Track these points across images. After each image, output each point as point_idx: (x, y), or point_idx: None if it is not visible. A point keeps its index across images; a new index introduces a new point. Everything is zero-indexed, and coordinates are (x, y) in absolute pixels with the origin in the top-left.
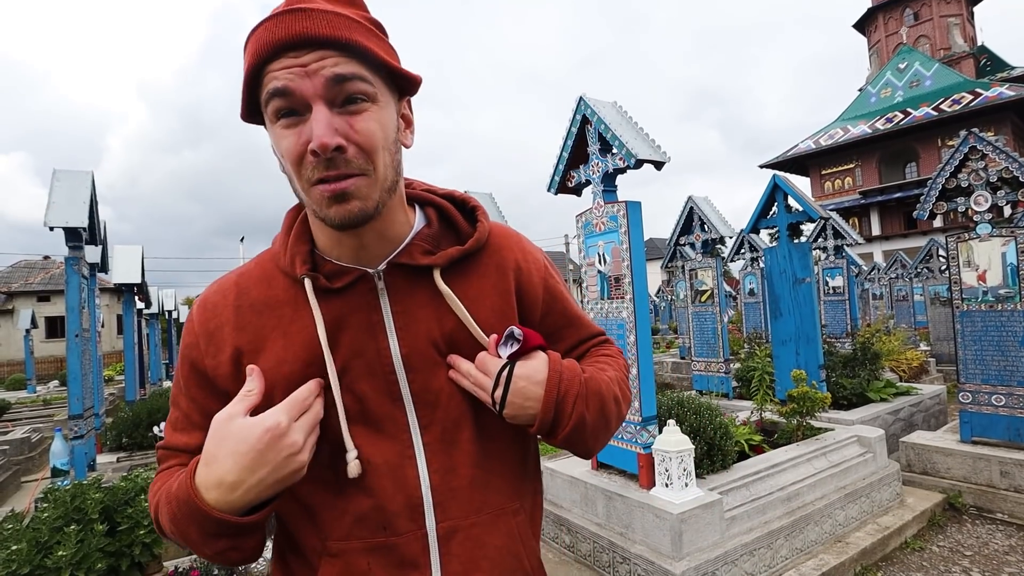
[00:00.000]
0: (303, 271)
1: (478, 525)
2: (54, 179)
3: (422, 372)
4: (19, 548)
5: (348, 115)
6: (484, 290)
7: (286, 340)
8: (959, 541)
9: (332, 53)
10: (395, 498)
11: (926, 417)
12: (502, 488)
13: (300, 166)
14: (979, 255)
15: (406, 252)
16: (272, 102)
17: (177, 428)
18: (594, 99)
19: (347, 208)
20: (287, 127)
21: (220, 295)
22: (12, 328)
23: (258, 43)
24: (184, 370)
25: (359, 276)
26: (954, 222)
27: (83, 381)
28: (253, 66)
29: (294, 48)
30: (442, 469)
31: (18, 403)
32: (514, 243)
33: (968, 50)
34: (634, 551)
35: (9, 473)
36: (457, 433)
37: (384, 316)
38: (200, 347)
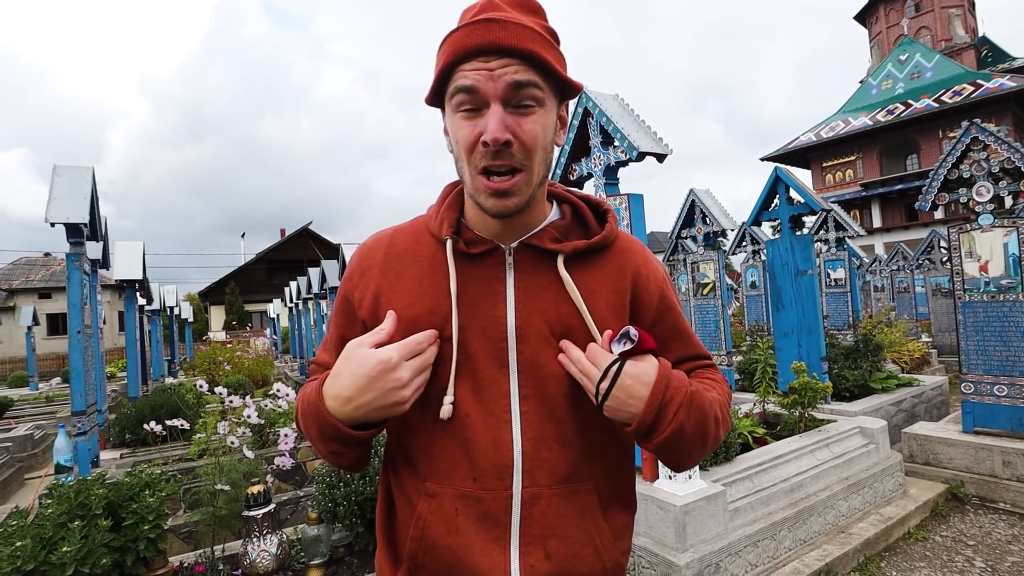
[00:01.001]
0: (448, 233)
1: (558, 496)
2: (55, 175)
3: (531, 345)
4: (24, 544)
5: (519, 115)
6: (603, 285)
7: (419, 288)
8: (962, 531)
9: (515, 62)
10: (488, 455)
11: (928, 408)
12: (581, 467)
13: (471, 153)
14: (981, 246)
15: (537, 236)
16: (458, 96)
17: (325, 348)
18: (595, 92)
19: (504, 203)
20: (466, 118)
21: (376, 242)
22: (14, 325)
23: (455, 44)
24: (338, 300)
25: (493, 248)
26: (955, 214)
27: (86, 377)
28: (447, 64)
29: (485, 54)
30: (535, 438)
31: (20, 400)
32: (638, 250)
33: (969, 41)
34: (638, 543)
35: (12, 470)
36: (554, 409)
37: (507, 288)
38: (353, 281)
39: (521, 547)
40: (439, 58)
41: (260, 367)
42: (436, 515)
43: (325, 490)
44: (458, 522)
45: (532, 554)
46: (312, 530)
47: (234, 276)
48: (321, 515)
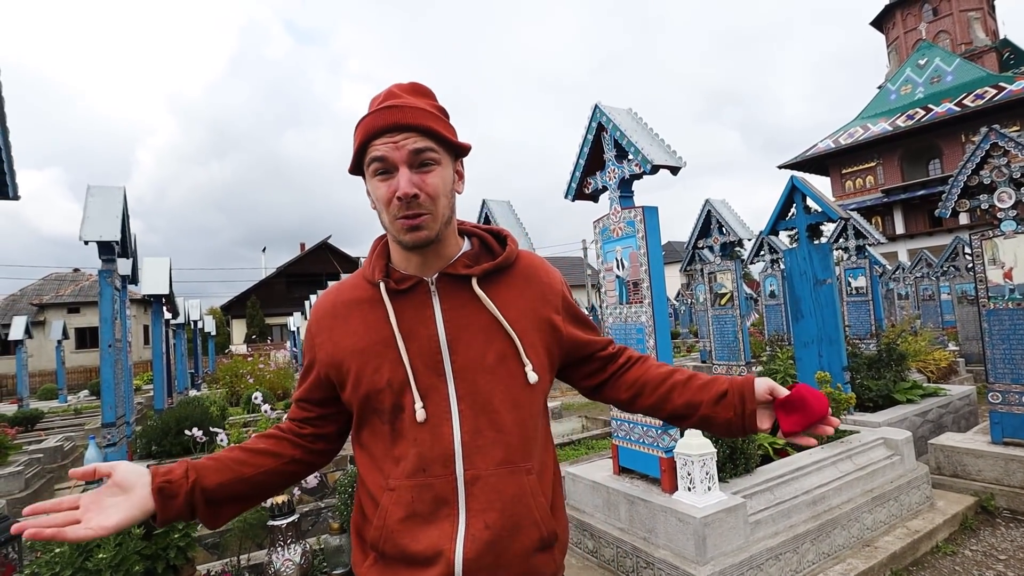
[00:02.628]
0: (379, 277)
1: (495, 476)
2: (88, 195)
3: (461, 355)
4: (62, 551)
5: (422, 173)
6: (513, 296)
7: (365, 325)
8: (992, 545)
9: (414, 135)
10: (434, 448)
11: (955, 418)
12: (517, 451)
13: (388, 206)
14: (1004, 252)
15: (452, 266)
16: (373, 164)
17: (299, 389)
18: (609, 106)
19: (417, 235)
20: (382, 181)
21: (326, 295)
22: (44, 339)
23: (367, 128)
24: (305, 346)
25: (418, 282)
26: (981, 219)
27: (115, 390)
28: (363, 142)
29: (390, 131)
30: (471, 430)
31: (50, 412)
32: (538, 264)
33: (990, 44)
34: (658, 556)
35: (43, 481)
36: (486, 404)
37: (435, 311)
38: (312, 331)
39: (467, 520)
40: (356, 138)
41: (281, 379)
42: (396, 505)
43: (346, 500)
44: (415, 507)
45: (474, 525)
46: (334, 540)
47: (255, 290)
48: (343, 525)
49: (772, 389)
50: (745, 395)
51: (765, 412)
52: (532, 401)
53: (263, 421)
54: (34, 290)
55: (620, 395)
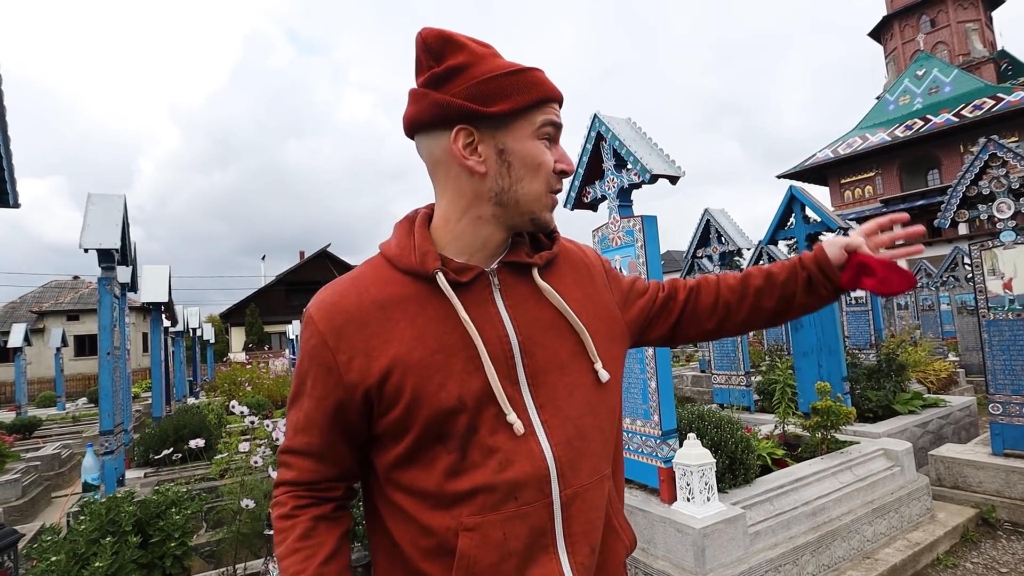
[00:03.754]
0: (435, 266)
1: (589, 489)
2: (89, 203)
3: (535, 357)
4: (58, 560)
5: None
6: (567, 285)
7: (414, 330)
8: (994, 557)
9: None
10: (524, 471)
11: (956, 429)
12: (601, 456)
13: (546, 175)
14: (1004, 263)
15: (515, 253)
16: (548, 127)
17: (299, 429)
18: (608, 116)
19: (553, 216)
20: (548, 147)
21: (338, 295)
22: (43, 347)
23: (548, 90)
24: (313, 371)
25: (479, 273)
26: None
27: (113, 398)
28: (547, 97)
29: (560, 102)
30: (561, 442)
31: (48, 420)
32: (575, 247)
33: (988, 55)
34: (657, 567)
35: (41, 488)
36: (568, 409)
37: (499, 308)
38: (329, 345)
39: (568, 547)
40: (521, 87)
41: (279, 387)
42: (483, 547)
43: None
44: (509, 546)
45: (579, 552)
46: None
47: (254, 298)
48: None
49: (847, 247)
50: (826, 271)
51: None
52: (609, 398)
53: (260, 430)
54: (34, 297)
55: (703, 327)
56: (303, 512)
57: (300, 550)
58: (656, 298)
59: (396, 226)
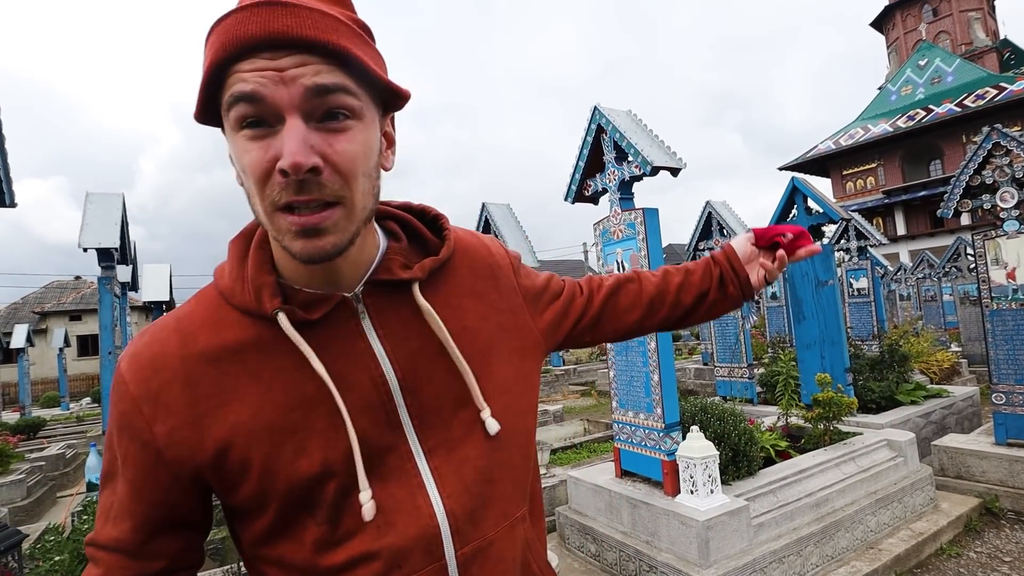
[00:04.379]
0: (275, 305)
1: (496, 541)
2: (87, 202)
3: (420, 393)
4: (61, 559)
5: (327, 132)
6: (464, 296)
7: (259, 386)
8: (997, 547)
9: (315, 59)
10: (408, 533)
11: (959, 420)
12: (511, 496)
13: (265, 185)
14: (1007, 252)
15: (384, 268)
16: (237, 107)
17: (109, 517)
18: (608, 108)
19: (318, 244)
20: (252, 139)
21: (159, 346)
22: (46, 347)
23: (226, 35)
24: (122, 445)
25: (338, 302)
26: (983, 219)
27: None
28: (217, 62)
29: (270, 48)
30: (457, 492)
31: (52, 420)
32: (478, 243)
33: (991, 44)
34: (661, 559)
35: (45, 489)
36: (466, 450)
37: (371, 341)
38: (143, 413)
39: None
40: (206, 54)
41: None
42: None
43: None
44: None
45: None
46: None
47: None
48: None
49: (750, 240)
50: (735, 267)
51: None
52: (520, 428)
53: None
54: (36, 298)
55: (623, 322)
56: None
57: None
58: (573, 301)
59: (230, 245)
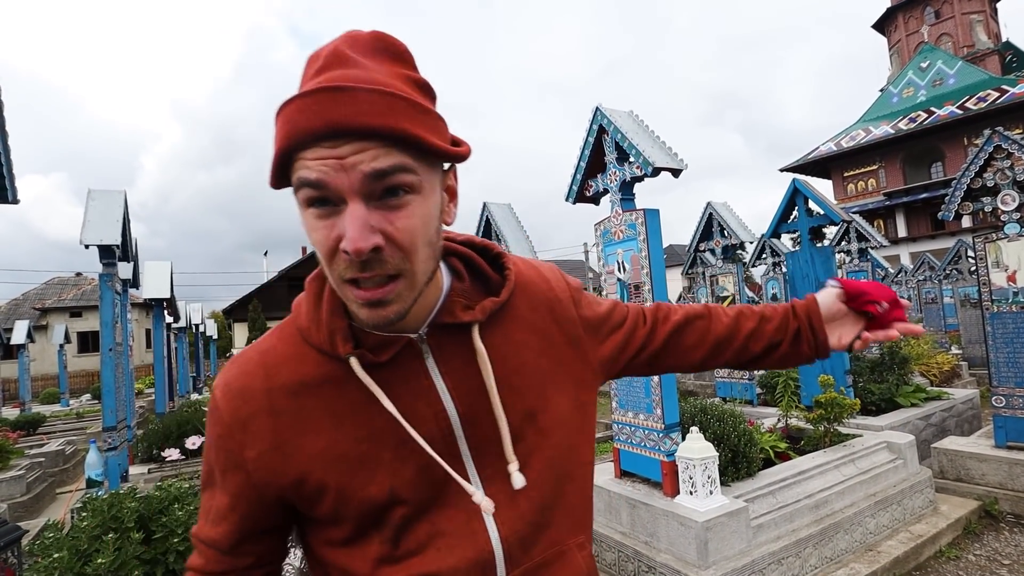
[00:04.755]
0: (347, 350)
1: (544, 566)
2: (89, 199)
3: (480, 427)
4: (60, 556)
5: (387, 210)
6: (524, 333)
7: (333, 419)
8: (996, 549)
9: (373, 144)
10: (465, 556)
11: (959, 422)
12: (568, 525)
13: (332, 260)
14: (1008, 255)
15: (446, 310)
16: (303, 190)
17: (209, 518)
18: (610, 108)
19: (382, 314)
20: (319, 217)
21: (247, 378)
22: (46, 343)
23: (290, 126)
24: (219, 461)
25: (404, 345)
26: (984, 222)
27: (116, 394)
28: (283, 151)
29: (330, 138)
30: (509, 519)
31: (52, 416)
32: (536, 276)
33: (993, 47)
34: (659, 560)
35: (45, 485)
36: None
37: (434, 380)
38: (236, 438)
39: None
40: (276, 134)
41: None
42: None
43: None
44: None
45: None
46: None
47: (257, 294)
48: None
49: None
50: (815, 326)
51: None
52: (577, 460)
53: None
54: (36, 294)
55: (687, 360)
56: None
57: None
58: (635, 331)
59: (307, 283)
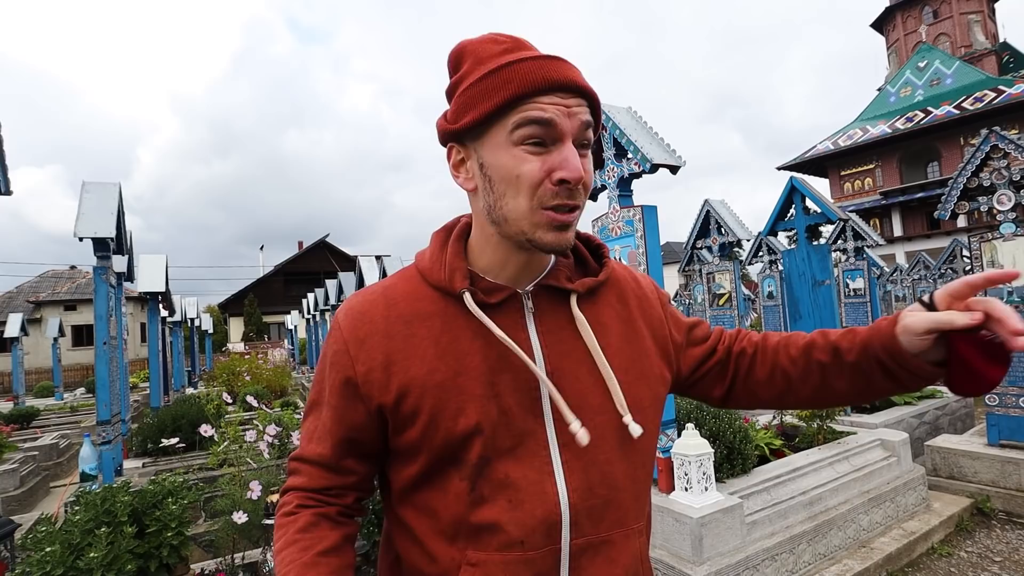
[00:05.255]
0: (463, 285)
1: (607, 543)
2: (83, 191)
3: (563, 390)
4: (53, 550)
5: (581, 156)
6: (611, 317)
7: (437, 349)
8: (988, 547)
9: (583, 103)
10: (534, 514)
11: (952, 420)
12: (630, 508)
13: (536, 189)
14: (1003, 255)
15: (552, 275)
16: (528, 127)
17: (314, 438)
18: (609, 105)
19: (565, 236)
20: (533, 153)
21: (369, 304)
22: (40, 336)
23: (531, 75)
24: (331, 378)
25: (510, 294)
26: (979, 221)
27: (110, 388)
28: (523, 92)
29: (563, 90)
30: (580, 488)
31: (46, 410)
32: (628, 274)
33: (990, 47)
34: (654, 555)
35: (39, 478)
36: (595, 453)
37: (530, 334)
38: (350, 353)
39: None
40: (496, 86)
41: (278, 378)
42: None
43: None
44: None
45: None
46: None
47: (253, 288)
48: None
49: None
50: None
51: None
52: (645, 447)
53: (262, 416)
54: (31, 287)
55: (760, 397)
56: (307, 509)
57: (299, 540)
58: (715, 352)
59: (433, 236)
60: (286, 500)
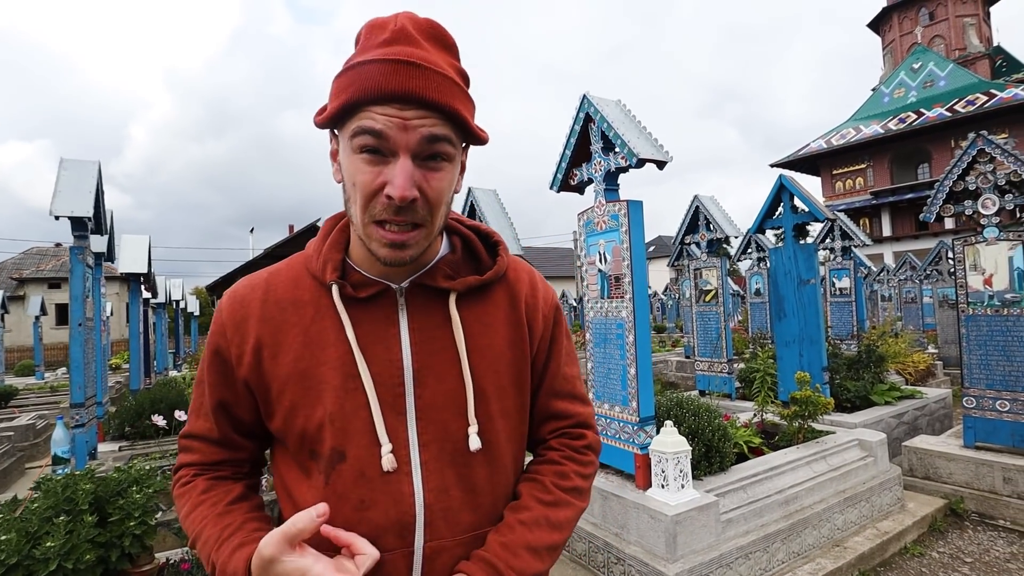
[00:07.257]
0: (332, 278)
1: (462, 546)
2: (61, 168)
3: (429, 389)
4: (8, 538)
5: (426, 170)
6: (498, 318)
7: (305, 338)
8: (960, 547)
9: (432, 115)
10: (388, 513)
11: (931, 421)
12: (490, 513)
13: (369, 202)
14: (986, 259)
15: (429, 274)
16: (362, 137)
17: (200, 414)
18: (598, 97)
19: (400, 255)
20: (368, 163)
21: (249, 289)
22: (23, 314)
23: (368, 83)
24: (208, 356)
25: (382, 289)
26: (967, 224)
27: (85, 370)
28: (355, 100)
29: (401, 101)
30: (436, 488)
31: (26, 389)
32: (527, 278)
33: (984, 51)
34: (628, 552)
35: (13, 459)
36: (455, 455)
37: (400, 330)
38: (226, 336)
39: None
40: (344, 86)
41: None
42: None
43: None
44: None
45: None
46: None
47: (242, 271)
48: None
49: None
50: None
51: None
52: (511, 452)
53: None
54: (14, 264)
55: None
56: (202, 477)
57: (205, 500)
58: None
59: (324, 223)
60: (181, 474)
